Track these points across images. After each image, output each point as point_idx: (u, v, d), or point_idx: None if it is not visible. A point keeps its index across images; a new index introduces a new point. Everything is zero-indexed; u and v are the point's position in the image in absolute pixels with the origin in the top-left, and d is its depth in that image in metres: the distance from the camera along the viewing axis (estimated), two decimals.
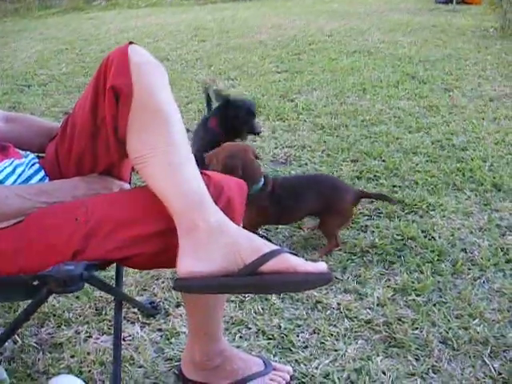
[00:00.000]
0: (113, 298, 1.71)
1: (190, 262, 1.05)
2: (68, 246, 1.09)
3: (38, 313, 1.77)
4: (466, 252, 2.03)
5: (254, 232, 1.09)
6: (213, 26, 6.78)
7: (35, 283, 1.07)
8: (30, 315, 1.15)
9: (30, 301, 1.14)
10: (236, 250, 1.04)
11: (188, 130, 3.28)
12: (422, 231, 2.16)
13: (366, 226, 2.23)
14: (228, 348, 1.45)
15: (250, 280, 1.03)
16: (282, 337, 1.64)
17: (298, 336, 1.64)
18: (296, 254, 1.04)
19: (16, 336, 1.69)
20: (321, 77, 4.31)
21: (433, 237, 2.12)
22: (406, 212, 2.31)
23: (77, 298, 1.85)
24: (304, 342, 1.62)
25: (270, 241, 1.09)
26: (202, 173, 1.18)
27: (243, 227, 1.14)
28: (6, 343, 1.64)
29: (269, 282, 1.03)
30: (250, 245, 1.04)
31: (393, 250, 2.04)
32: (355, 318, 1.71)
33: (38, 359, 1.60)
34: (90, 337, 1.69)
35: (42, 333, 1.72)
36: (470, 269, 1.93)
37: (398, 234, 2.14)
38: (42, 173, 1.30)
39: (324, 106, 3.65)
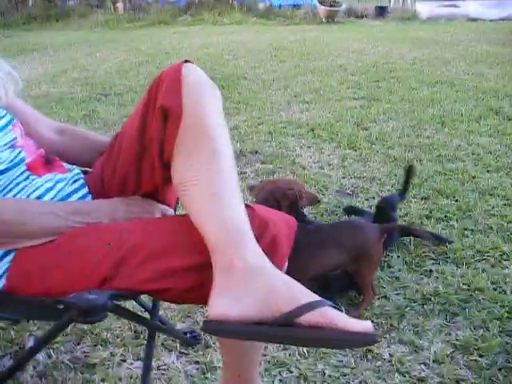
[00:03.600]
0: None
1: (223, 304, 0.96)
2: (97, 271, 1.03)
3: (76, 329, 1.74)
4: None
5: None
6: (294, 47, 6.73)
7: (60, 307, 1.01)
8: (50, 339, 1.09)
9: None
10: (273, 297, 0.94)
11: (256, 152, 3.22)
12: (492, 282, 1.97)
13: (431, 270, 2.06)
14: None
15: (284, 331, 0.92)
16: None
17: None
18: (338, 308, 0.93)
19: (51, 351, 1.66)
20: (398, 106, 4.15)
21: (503, 290, 1.93)
22: (476, 259, 2.12)
23: (117, 317, 1.80)
24: None
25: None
26: (247, 206, 1.10)
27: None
28: (41, 357, 1.62)
29: (305, 337, 0.92)
30: (288, 292, 0.94)
31: (457, 300, 1.87)
32: (407, 373, 1.56)
33: (69, 379, 1.56)
34: (124, 361, 1.63)
35: (78, 350, 1.67)
36: None
37: (464, 283, 1.96)
38: (85, 190, 1.25)
39: (399, 137, 3.49)
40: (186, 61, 1.13)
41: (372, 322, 1.77)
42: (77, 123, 3.91)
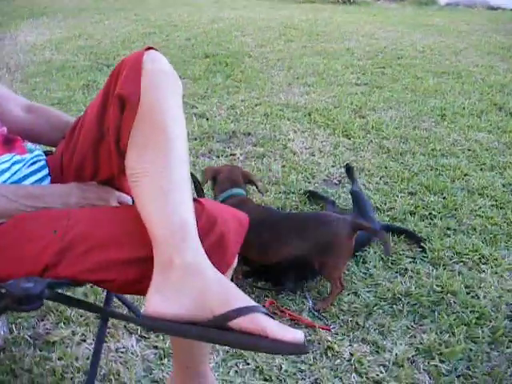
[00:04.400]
0: (119, 301, 1.65)
1: (159, 300, 0.95)
2: (40, 258, 1.02)
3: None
4: (511, 320, 1.79)
5: None
6: (304, 27, 6.61)
7: (3, 291, 1.00)
8: None
9: None
10: (206, 298, 0.93)
11: (249, 134, 3.18)
12: (466, 286, 1.94)
13: (406, 269, 2.03)
14: None
15: (215, 334, 0.91)
16: (280, 380, 1.51)
17: (297, 382, 1.51)
18: (271, 316, 0.91)
19: (14, 326, 1.66)
20: (400, 95, 4.07)
21: (477, 295, 1.90)
22: (454, 261, 2.10)
23: (85, 295, 1.80)
24: None
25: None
26: (196, 200, 1.08)
27: None
28: (2, 332, 1.62)
29: (234, 341, 0.91)
30: (223, 295, 0.93)
31: (428, 302, 1.85)
32: (365, 374, 1.55)
33: (27, 355, 1.56)
34: (84, 340, 1.63)
35: (40, 327, 1.68)
36: None
37: (437, 285, 1.94)
38: (45, 172, 1.24)
39: (396, 127, 3.43)
40: (150, 48, 1.11)
41: (338, 318, 1.77)
42: (75, 93, 3.89)
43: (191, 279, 0.94)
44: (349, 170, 2.51)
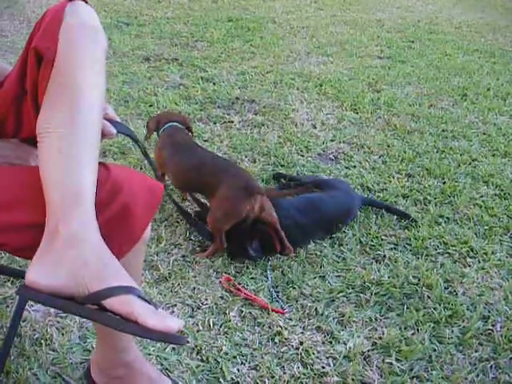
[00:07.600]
0: None
1: (38, 270, 0.86)
2: None
3: None
4: (486, 322, 1.64)
5: None
6: None
7: None
8: None
9: None
10: (83, 273, 0.84)
11: (253, 101, 3.05)
12: (446, 280, 1.79)
13: (385, 256, 1.90)
14: (138, 362, 1.26)
15: (89, 313, 0.84)
16: (218, 362, 1.42)
17: (234, 367, 1.41)
18: (146, 300, 0.81)
19: None
20: (423, 71, 3.85)
21: (455, 291, 1.76)
22: (439, 252, 1.95)
23: None
24: (237, 377, 1.38)
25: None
26: (104, 167, 0.98)
27: None
28: None
29: (105, 321, 0.82)
30: (98, 271, 0.84)
31: (399, 294, 1.71)
32: (310, 365, 1.44)
33: None
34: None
35: None
36: (481, 344, 1.56)
37: (414, 276, 1.80)
38: None
39: (410, 104, 3.24)
40: None
41: (296, 301, 1.66)
42: None
43: (72, 251, 0.85)
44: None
